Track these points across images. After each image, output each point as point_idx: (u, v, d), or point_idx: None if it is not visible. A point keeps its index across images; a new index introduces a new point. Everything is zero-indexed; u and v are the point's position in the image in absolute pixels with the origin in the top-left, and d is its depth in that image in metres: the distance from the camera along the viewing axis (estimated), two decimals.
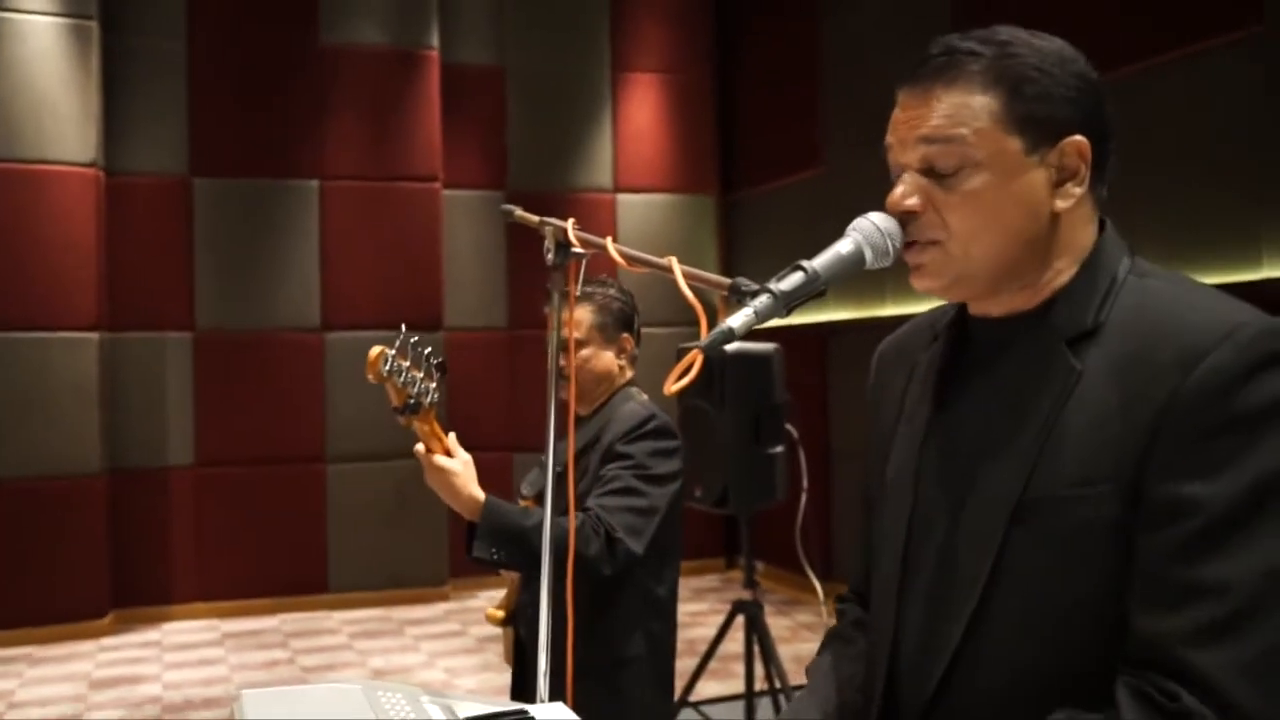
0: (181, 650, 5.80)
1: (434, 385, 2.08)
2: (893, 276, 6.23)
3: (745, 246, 7.69)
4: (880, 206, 1.20)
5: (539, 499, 2.43)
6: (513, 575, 2.52)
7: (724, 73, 7.84)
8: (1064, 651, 1.07)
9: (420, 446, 2.13)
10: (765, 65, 7.45)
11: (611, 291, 2.53)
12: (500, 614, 2.58)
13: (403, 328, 2.07)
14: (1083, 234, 1.15)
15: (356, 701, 1.29)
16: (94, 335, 6.11)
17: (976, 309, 1.22)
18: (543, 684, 1.56)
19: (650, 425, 2.32)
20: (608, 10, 7.55)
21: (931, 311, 1.34)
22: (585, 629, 1.96)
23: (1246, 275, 3.91)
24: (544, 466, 2.35)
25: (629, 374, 2.55)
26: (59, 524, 5.97)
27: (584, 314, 2.50)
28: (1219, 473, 0.99)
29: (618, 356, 2.52)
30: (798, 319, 5.53)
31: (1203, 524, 0.99)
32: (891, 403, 1.31)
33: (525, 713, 1.39)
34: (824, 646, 1.41)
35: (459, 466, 2.12)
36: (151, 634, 6.13)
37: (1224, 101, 4.07)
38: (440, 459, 2.12)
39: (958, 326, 1.25)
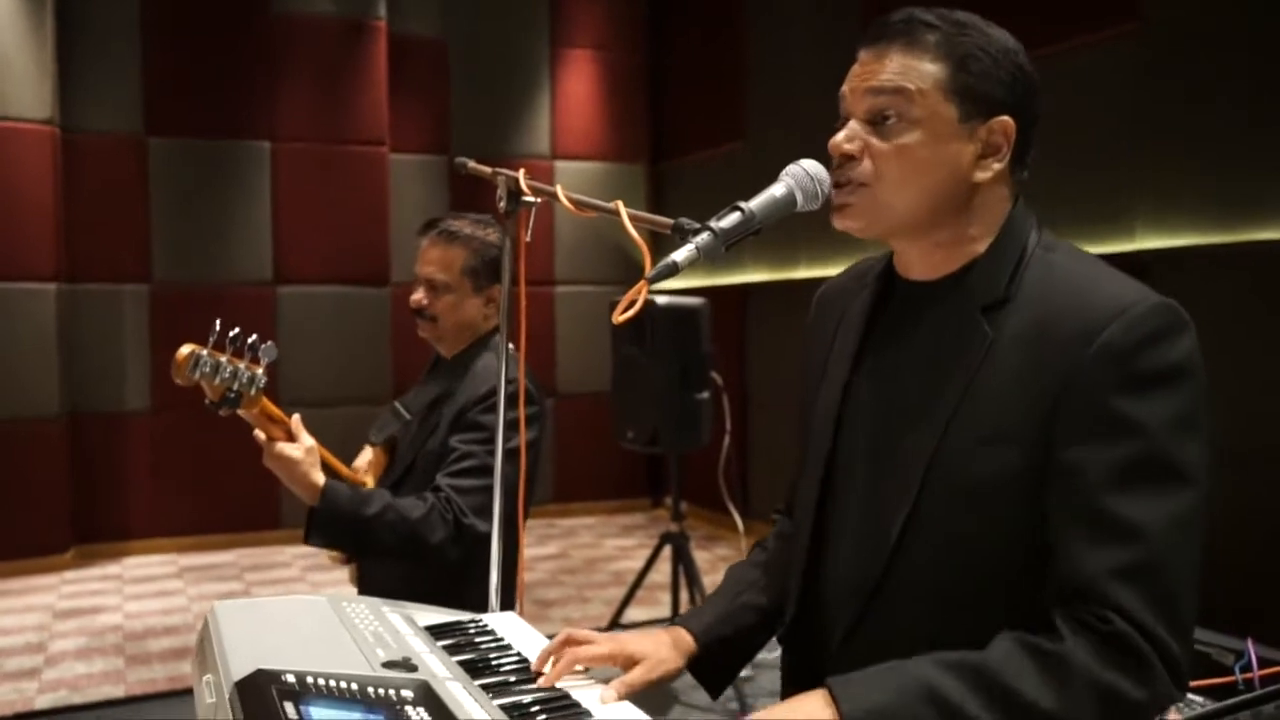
0: (141, 583, 5.69)
1: (260, 370, 1.88)
2: (806, 241, 6.30)
3: (673, 211, 7.59)
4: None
5: (387, 444, 2.31)
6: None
7: (654, 50, 7.79)
8: (972, 586, 1.11)
9: (259, 433, 1.95)
10: (693, 44, 7.42)
11: (492, 237, 2.20)
12: (340, 556, 2.36)
13: (216, 324, 1.84)
14: (998, 208, 1.19)
15: (324, 611, 1.30)
16: (52, 286, 5.90)
17: (902, 268, 1.24)
18: (494, 598, 1.58)
19: (509, 390, 1.89)
20: None
21: (861, 263, 1.36)
22: (443, 597, 1.75)
23: (1122, 246, 4.02)
24: (396, 412, 2.25)
25: (493, 323, 2.24)
26: (21, 464, 5.80)
27: (455, 254, 2.19)
28: (1120, 432, 1.04)
29: (485, 305, 2.22)
30: (721, 279, 5.58)
31: (1112, 476, 1.04)
32: (821, 348, 1.34)
33: (479, 620, 1.40)
34: (750, 553, 1.46)
35: (298, 454, 1.93)
36: (112, 568, 6.01)
37: (1103, 91, 4.16)
38: (281, 446, 1.94)
39: (884, 281, 1.27)
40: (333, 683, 1.01)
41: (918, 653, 1.07)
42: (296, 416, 2.00)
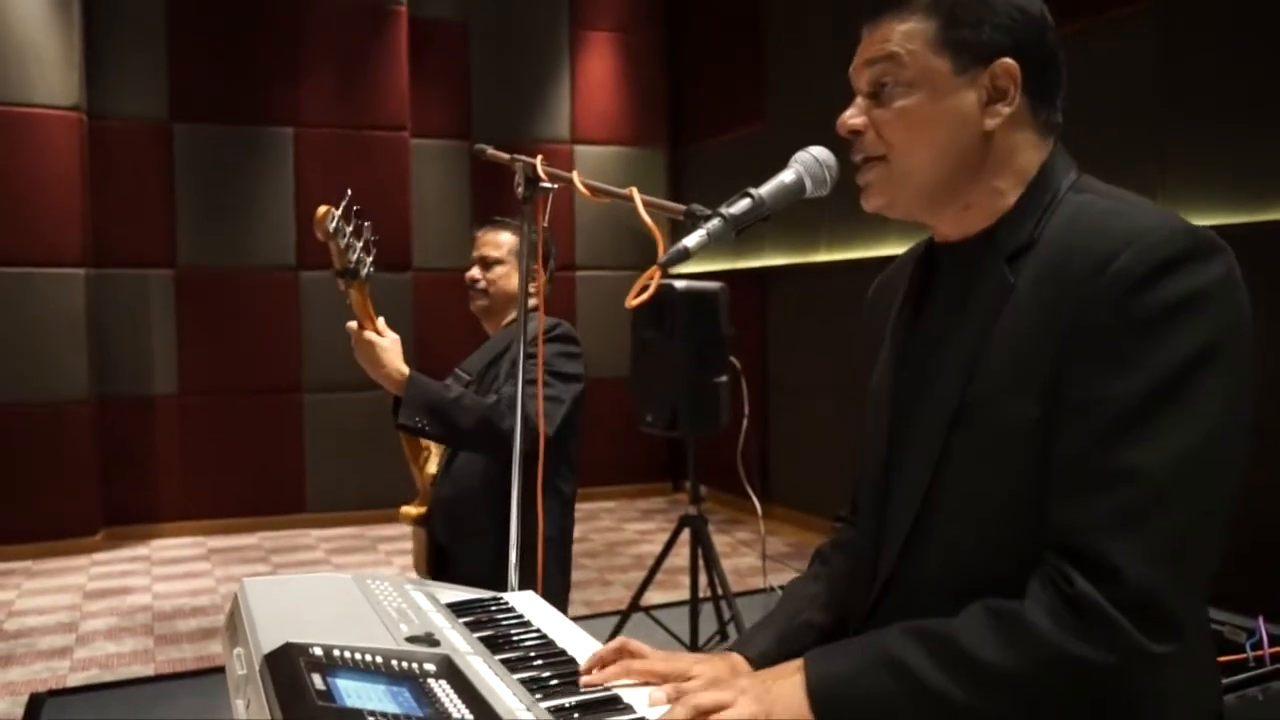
0: (169, 564, 5.79)
1: (369, 259, 2.08)
2: (827, 224, 6.29)
3: (692, 196, 7.66)
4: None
5: None
6: (427, 478, 2.50)
7: (674, 33, 7.78)
8: (998, 542, 1.07)
9: (353, 323, 2.14)
10: (712, 27, 7.40)
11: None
12: (415, 511, 2.51)
13: (348, 193, 2.04)
14: (1025, 156, 1.14)
15: (349, 589, 1.33)
16: (80, 271, 5.99)
17: (939, 235, 1.22)
18: (513, 575, 1.61)
19: (557, 331, 2.32)
20: None
21: (910, 249, 1.33)
22: (498, 537, 1.93)
23: None
24: (456, 376, 2.49)
25: (533, 302, 2.30)
26: (52, 448, 5.91)
27: (509, 237, 2.54)
28: (1126, 367, 0.98)
29: (529, 284, 2.41)
30: (741, 264, 5.56)
31: (1113, 417, 0.98)
32: (877, 331, 1.31)
33: (499, 598, 1.44)
34: (810, 564, 1.41)
35: (387, 343, 2.15)
36: (140, 550, 6.11)
37: (1120, 72, 4.13)
38: (370, 335, 2.14)
39: (927, 255, 1.25)
40: (358, 655, 1.05)
41: (942, 611, 1.05)
42: (382, 318, 2.18)
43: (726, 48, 7.19)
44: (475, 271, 2.58)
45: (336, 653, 1.04)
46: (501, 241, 2.54)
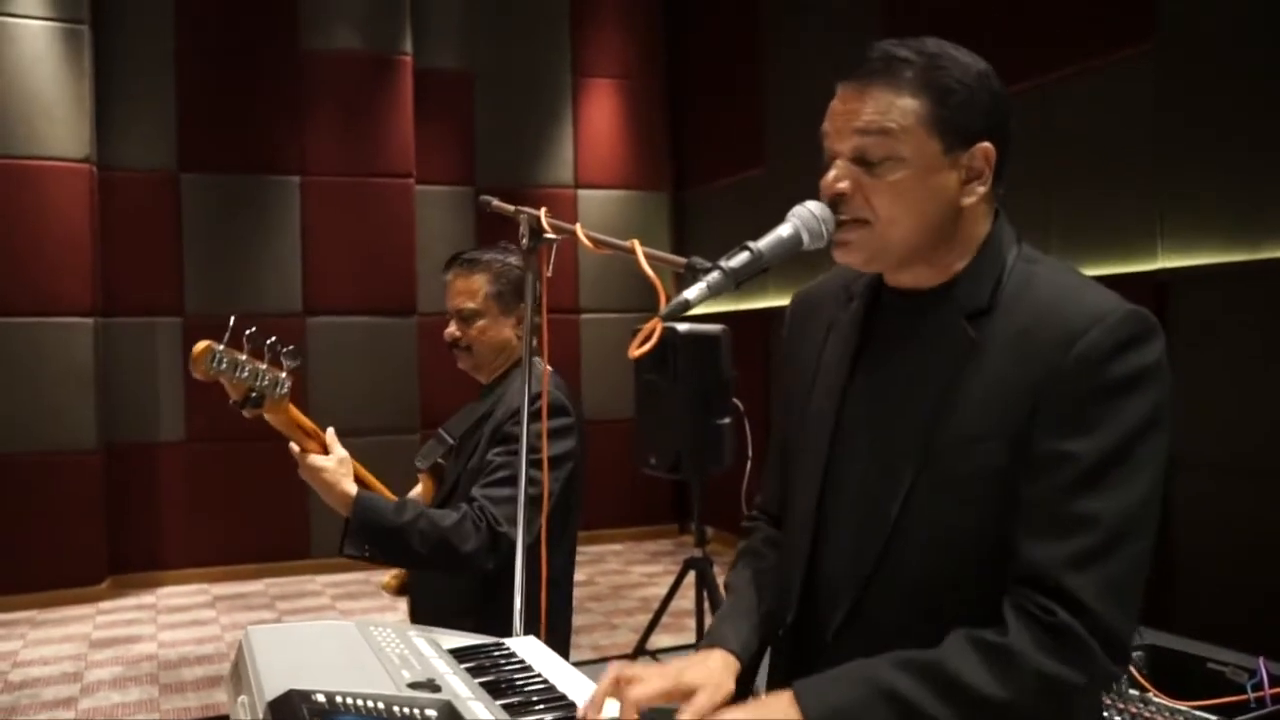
0: (175, 612, 5.78)
1: (283, 374, 1.90)
2: (828, 265, 6.32)
3: (695, 238, 7.75)
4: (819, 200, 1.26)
5: (432, 471, 2.36)
6: None
7: (675, 79, 7.89)
8: (960, 575, 1.18)
9: (293, 445, 1.98)
10: (712, 73, 7.51)
11: (512, 260, 2.26)
12: (395, 581, 2.49)
13: (231, 320, 1.88)
14: (981, 225, 1.25)
15: (352, 636, 1.34)
16: (89, 320, 6.05)
17: (890, 280, 1.30)
18: (518, 622, 1.62)
19: (538, 405, 1.95)
20: (569, 19, 7.57)
21: (843, 271, 1.39)
22: (482, 614, 1.86)
23: (1144, 266, 4.03)
24: (440, 438, 2.31)
25: (522, 356, 2.16)
26: (59, 497, 5.93)
27: (479, 282, 2.27)
28: (1092, 430, 1.12)
29: (516, 326, 2.28)
30: (743, 305, 5.58)
31: (1079, 471, 1.11)
32: (809, 354, 1.38)
33: (501, 644, 1.45)
34: (740, 560, 1.47)
35: (331, 464, 1.98)
36: (146, 597, 6.11)
37: (1120, 111, 4.18)
38: (312, 459, 1.97)
39: (873, 293, 1.33)
40: (361, 702, 1.06)
41: (908, 643, 1.14)
42: (331, 430, 2.03)
43: (726, 93, 7.29)
44: (454, 328, 2.31)
45: (340, 699, 1.05)
46: (476, 288, 2.26)
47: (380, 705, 1.06)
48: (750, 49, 6.93)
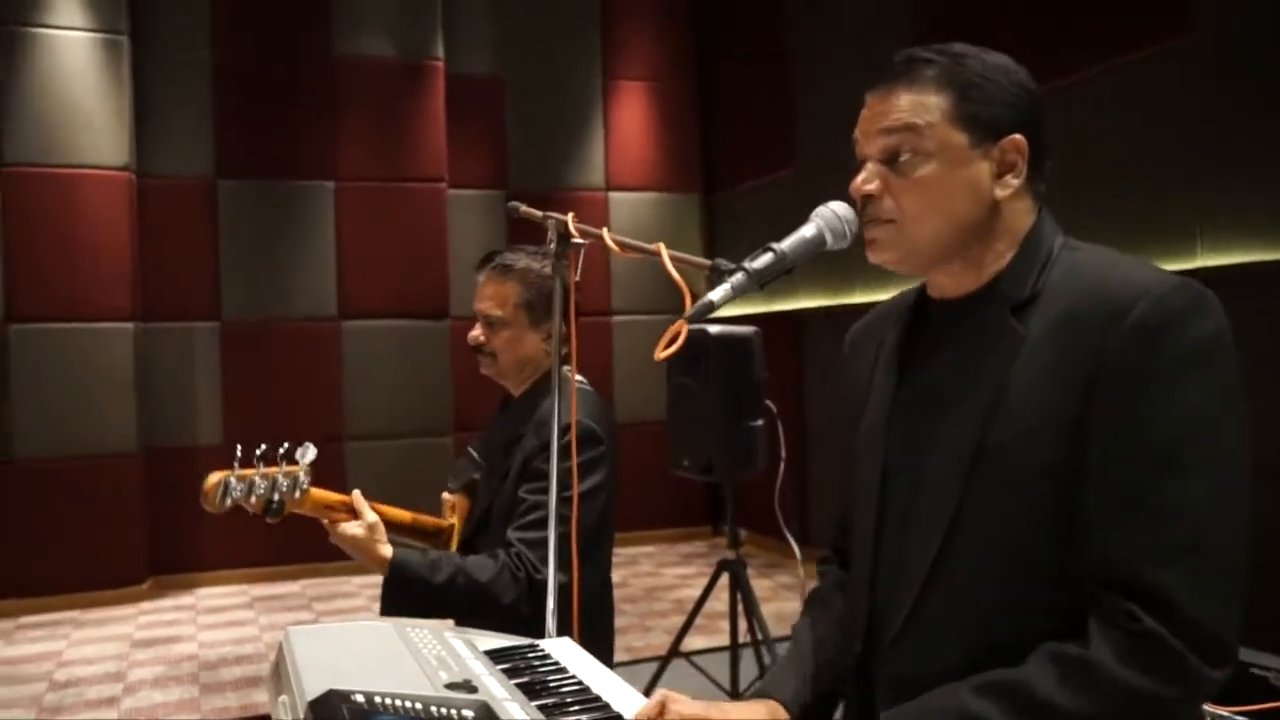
0: (214, 613, 5.86)
1: (300, 471, 1.94)
2: (862, 267, 6.29)
3: (727, 240, 7.75)
4: (846, 200, 1.27)
5: (466, 490, 2.30)
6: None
7: (705, 82, 7.90)
8: (1017, 579, 1.12)
9: (325, 521, 2.00)
10: (742, 76, 7.50)
11: (546, 268, 2.08)
12: None
13: (238, 449, 1.93)
14: (1021, 221, 1.23)
15: (389, 635, 1.37)
16: (129, 325, 6.15)
17: (934, 291, 1.29)
18: (550, 621, 1.63)
19: (567, 438, 1.88)
20: (599, 23, 7.60)
21: (895, 297, 1.40)
22: (551, 559, 1.77)
23: (1183, 264, 3.98)
24: (471, 458, 2.25)
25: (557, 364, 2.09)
26: (101, 500, 6.03)
27: (510, 289, 2.15)
28: (1155, 411, 1.05)
29: (545, 340, 2.17)
30: (777, 306, 5.55)
31: (1148, 457, 1.05)
32: (861, 378, 1.37)
33: (536, 645, 1.46)
34: (806, 608, 1.46)
35: (361, 531, 1.98)
36: (186, 598, 6.20)
37: (1157, 106, 4.14)
38: (344, 527, 1.98)
39: (919, 307, 1.32)
40: (399, 702, 1.08)
41: (968, 660, 1.10)
42: (356, 492, 2.02)
43: (756, 96, 7.28)
44: (478, 332, 2.21)
45: (378, 699, 1.07)
46: (506, 296, 2.16)
47: (418, 706, 1.08)
48: (780, 49, 6.92)
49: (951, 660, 1.13)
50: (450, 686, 1.19)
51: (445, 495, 2.37)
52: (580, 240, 1.70)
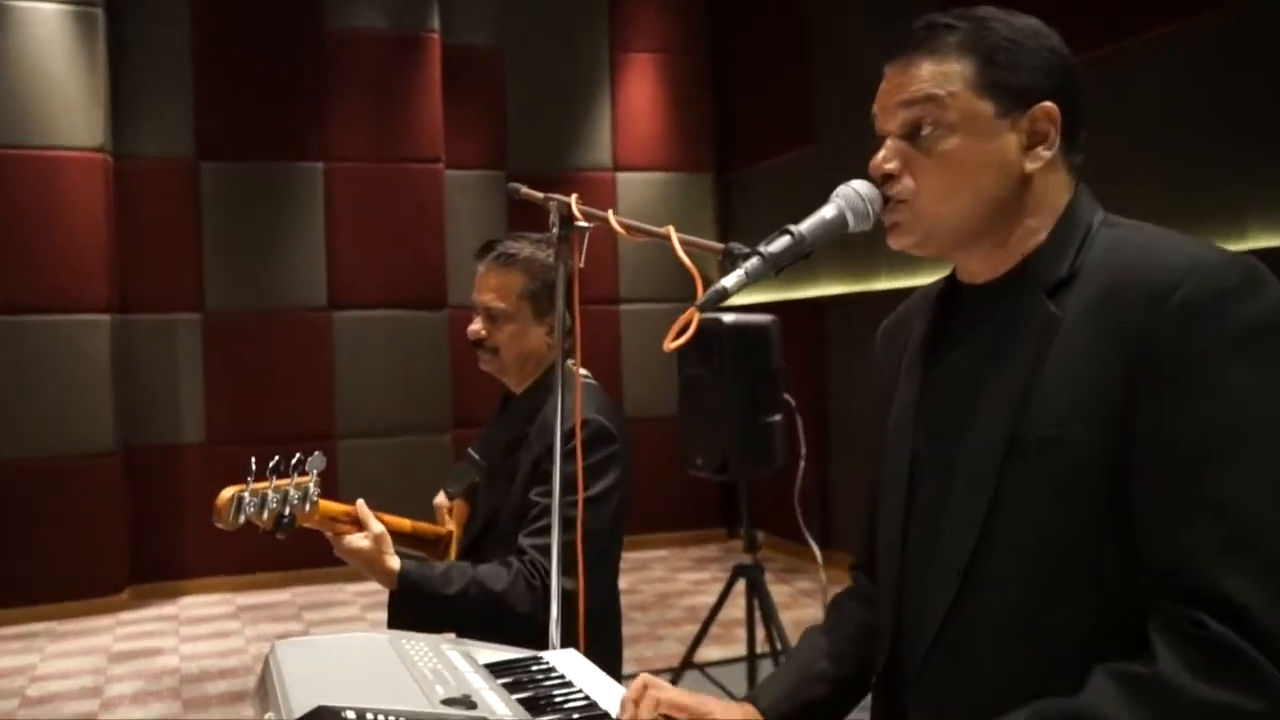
0: (197, 623, 5.89)
1: (310, 482, 1.97)
2: (886, 250, 6.26)
3: (741, 221, 7.73)
4: (868, 179, 1.26)
5: (466, 494, 2.31)
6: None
7: (718, 53, 7.87)
8: (1057, 579, 1.10)
9: (330, 535, 2.03)
10: (758, 47, 7.47)
11: (551, 256, 2.04)
12: None
13: (252, 462, 1.94)
14: (1056, 195, 1.20)
15: (384, 649, 1.36)
16: (106, 317, 6.17)
17: (964, 274, 1.27)
18: (554, 631, 1.63)
19: (573, 444, 1.83)
20: None
21: (926, 286, 1.39)
22: (554, 566, 1.79)
23: (1234, 245, 3.96)
24: (472, 461, 2.24)
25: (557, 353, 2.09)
26: (76, 501, 6.04)
27: (513, 279, 2.14)
28: (1205, 398, 1.02)
29: (549, 334, 2.16)
30: (796, 292, 5.54)
31: (1200, 448, 1.02)
32: (891, 370, 1.36)
33: (539, 658, 1.46)
34: (826, 614, 1.46)
35: (367, 543, 1.99)
36: (168, 608, 6.22)
37: (1202, 81, 4.11)
38: (349, 540, 2.00)
39: (949, 293, 1.31)
40: (392, 719, 1.07)
41: (1004, 679, 1.08)
42: (360, 502, 2.03)
43: (773, 68, 7.25)
44: (478, 326, 2.19)
45: (370, 716, 1.07)
46: (510, 285, 2.14)
47: None
48: (798, 18, 6.89)
49: (987, 666, 1.13)
50: (447, 702, 1.18)
51: (439, 500, 2.37)
52: (585, 223, 1.69)
